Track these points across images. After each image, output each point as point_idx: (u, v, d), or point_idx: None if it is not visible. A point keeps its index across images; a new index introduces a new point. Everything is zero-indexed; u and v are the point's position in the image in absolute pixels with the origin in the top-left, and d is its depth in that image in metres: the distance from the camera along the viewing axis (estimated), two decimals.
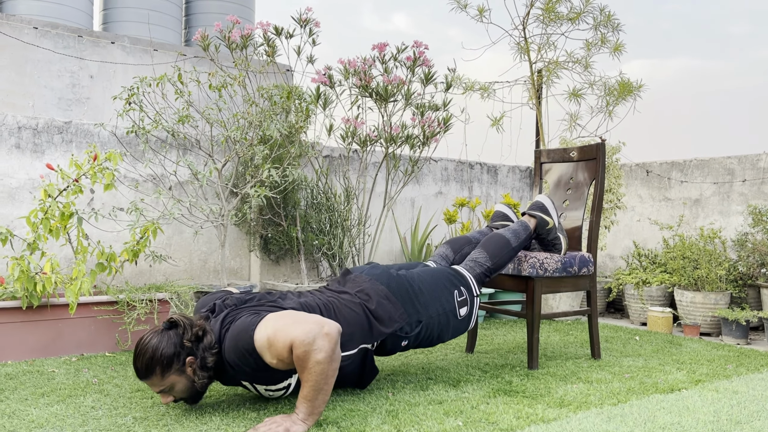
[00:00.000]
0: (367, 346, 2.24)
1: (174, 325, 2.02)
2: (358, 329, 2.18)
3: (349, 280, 2.37)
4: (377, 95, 3.90)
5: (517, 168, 5.39)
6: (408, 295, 2.34)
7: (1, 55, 4.76)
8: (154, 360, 1.95)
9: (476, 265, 2.63)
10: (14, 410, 2.06)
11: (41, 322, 2.83)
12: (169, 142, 3.66)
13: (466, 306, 2.50)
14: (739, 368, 2.91)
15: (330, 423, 1.97)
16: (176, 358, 1.96)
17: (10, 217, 3.22)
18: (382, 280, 2.33)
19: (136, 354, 1.98)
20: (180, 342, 1.98)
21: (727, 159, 4.56)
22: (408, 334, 2.32)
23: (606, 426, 1.99)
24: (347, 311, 2.19)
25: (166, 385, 1.98)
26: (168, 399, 2.01)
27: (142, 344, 1.98)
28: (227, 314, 2.08)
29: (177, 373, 1.97)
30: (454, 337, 2.53)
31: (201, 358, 1.98)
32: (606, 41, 4.75)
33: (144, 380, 1.99)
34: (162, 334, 2.00)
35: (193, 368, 1.99)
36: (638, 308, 4.33)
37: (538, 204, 2.88)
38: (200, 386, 2.02)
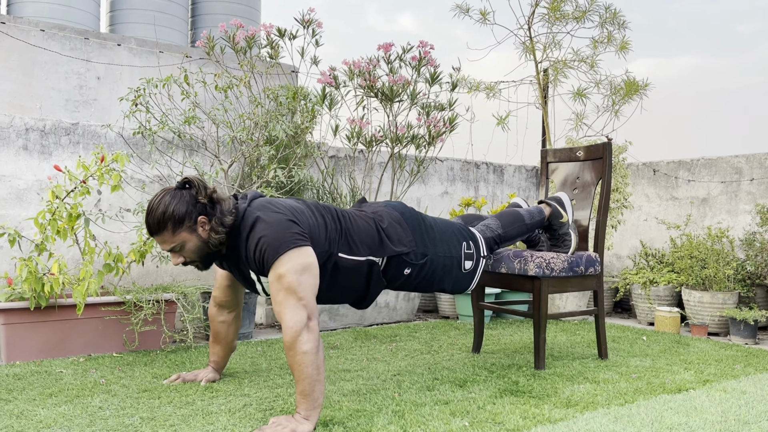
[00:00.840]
0: (374, 258, 2.26)
1: (188, 184, 2.05)
2: (368, 239, 2.24)
3: (366, 205, 2.46)
4: (383, 95, 3.90)
5: (523, 168, 5.38)
6: (419, 227, 2.40)
7: (9, 58, 4.79)
8: (166, 215, 1.98)
9: (487, 230, 2.69)
10: (22, 410, 2.07)
11: (49, 323, 2.85)
12: (176, 143, 3.67)
13: (471, 260, 2.54)
14: (748, 368, 2.89)
15: (336, 423, 1.98)
16: (188, 216, 2.00)
17: (18, 218, 3.24)
18: (397, 208, 2.41)
19: (149, 210, 2.01)
20: (193, 201, 2.01)
21: (734, 158, 4.54)
22: (413, 262, 2.34)
23: (613, 426, 1.99)
24: (361, 221, 2.26)
25: (176, 242, 2.01)
26: (178, 260, 2.05)
27: (155, 201, 2.01)
28: (257, 195, 2.15)
29: (188, 230, 2.01)
30: (454, 290, 2.56)
31: (218, 217, 2.02)
32: (612, 39, 4.73)
33: (155, 236, 2.02)
34: (175, 192, 2.03)
35: (206, 228, 2.02)
36: (645, 308, 4.32)
37: (557, 197, 2.94)
38: (214, 244, 2.04)
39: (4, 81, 4.78)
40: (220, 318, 2.49)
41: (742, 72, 13.14)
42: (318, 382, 1.93)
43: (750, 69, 12.59)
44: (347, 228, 2.21)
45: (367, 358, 2.95)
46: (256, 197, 2.16)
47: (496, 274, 2.94)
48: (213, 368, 2.52)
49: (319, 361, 1.94)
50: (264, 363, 2.82)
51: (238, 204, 2.10)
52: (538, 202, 2.96)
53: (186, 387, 2.39)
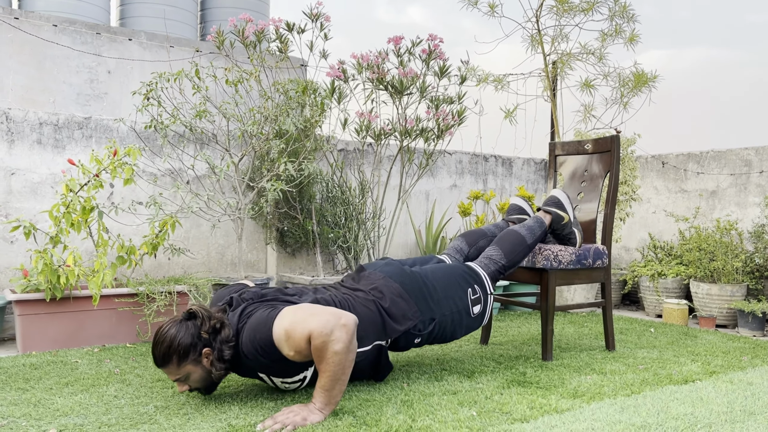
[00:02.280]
0: (381, 342, 2.27)
1: (193, 316, 2.06)
2: (372, 326, 2.21)
3: (363, 277, 2.39)
4: (393, 88, 3.92)
5: (531, 160, 5.39)
6: (422, 293, 2.36)
7: (21, 52, 4.83)
8: (172, 349, 1.99)
9: (491, 263, 2.64)
10: (39, 399, 2.12)
11: (64, 314, 2.90)
12: (187, 137, 3.71)
13: (479, 304, 2.51)
14: (755, 360, 2.91)
15: (346, 413, 2.01)
16: (193, 349, 2.01)
17: (33, 211, 3.29)
18: (396, 278, 2.35)
19: (155, 342, 2.03)
20: (198, 333, 2.02)
21: (744, 150, 4.53)
22: (421, 331, 2.34)
23: (619, 416, 2.01)
24: (362, 308, 2.22)
25: (182, 374, 2.03)
26: (184, 388, 2.06)
27: (161, 333, 2.03)
28: (245, 308, 2.12)
29: (193, 363, 2.02)
30: (467, 334, 2.55)
31: (218, 350, 2.02)
32: (621, 32, 4.72)
33: (161, 368, 2.04)
34: (180, 324, 2.04)
35: (210, 359, 2.03)
36: (653, 300, 4.33)
37: (554, 199, 2.87)
38: (216, 377, 2.07)
39: (16, 75, 4.83)
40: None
41: (753, 63, 13.04)
42: (340, 382, 1.94)
43: (761, 60, 12.49)
44: None
45: None
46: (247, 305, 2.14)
47: None
48: None
49: (348, 361, 1.93)
50: None
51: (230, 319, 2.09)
52: (536, 210, 2.94)
53: None
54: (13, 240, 3.23)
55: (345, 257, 4.02)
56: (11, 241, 3.23)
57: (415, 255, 4.67)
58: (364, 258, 4.12)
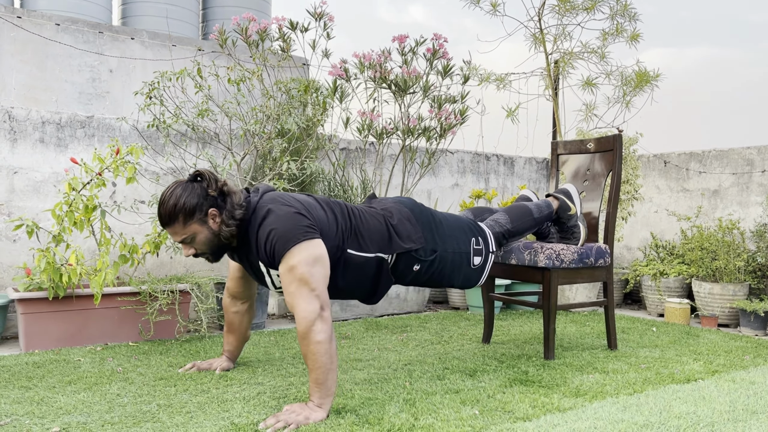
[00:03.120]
0: (383, 255, 2.27)
1: (199, 177, 2.08)
2: (378, 236, 2.25)
3: (375, 201, 2.48)
4: (396, 86, 3.92)
5: (533, 159, 5.38)
6: (429, 224, 2.41)
7: (24, 51, 4.84)
8: (177, 207, 2.01)
9: (496, 224, 2.70)
10: (42, 397, 2.12)
11: (67, 313, 2.90)
12: (189, 136, 3.71)
13: (480, 256, 2.56)
14: (757, 359, 2.91)
15: (348, 411, 2.02)
16: (199, 208, 2.03)
17: (36, 209, 3.29)
18: (407, 204, 2.42)
19: (161, 202, 2.05)
20: (204, 193, 2.04)
21: (746, 149, 4.53)
22: (422, 257, 2.36)
23: (621, 415, 2.02)
24: (371, 219, 2.28)
25: (187, 234, 2.05)
26: (190, 251, 2.08)
27: (167, 193, 2.05)
28: (268, 189, 2.16)
29: (199, 222, 2.04)
30: (464, 286, 2.58)
31: (228, 210, 2.04)
32: (622, 30, 4.72)
33: (166, 227, 2.06)
34: (186, 184, 2.06)
35: (216, 220, 2.05)
36: (655, 299, 4.32)
37: (564, 190, 2.94)
38: (225, 236, 2.07)
39: (19, 74, 4.83)
40: (233, 308, 2.54)
41: (755, 63, 13.03)
42: (331, 371, 1.97)
43: (764, 60, 12.47)
44: (357, 225, 2.23)
45: (378, 348, 2.99)
46: (267, 191, 2.18)
47: (507, 265, 2.97)
48: (227, 357, 2.57)
49: (332, 350, 1.97)
50: (277, 352, 2.86)
51: (249, 197, 2.13)
52: (546, 195, 2.97)
53: (201, 375, 2.43)
54: (15, 239, 3.24)
55: None
56: (14, 240, 3.24)
57: None
58: None
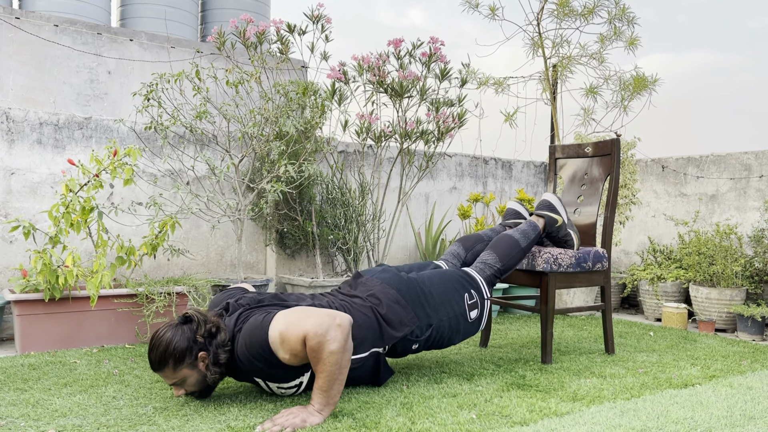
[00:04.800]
0: (378, 349, 2.27)
1: (189, 320, 2.07)
2: (370, 333, 2.21)
3: (360, 283, 2.40)
4: (392, 90, 3.92)
5: (531, 163, 5.39)
6: (419, 299, 2.37)
7: (22, 52, 4.83)
8: (168, 353, 1.99)
9: (486, 267, 2.66)
10: (38, 399, 2.11)
11: (63, 314, 2.89)
12: (187, 138, 3.71)
13: (476, 309, 2.52)
14: (754, 364, 2.91)
15: (345, 415, 2.01)
16: (189, 353, 2.01)
17: (32, 211, 3.29)
18: (393, 284, 2.36)
19: (151, 347, 2.03)
20: (193, 337, 2.02)
21: (743, 154, 4.53)
22: (418, 337, 2.34)
23: (619, 420, 2.01)
24: (359, 315, 2.22)
25: (178, 378, 2.03)
26: (180, 392, 2.06)
27: (157, 337, 2.03)
28: (241, 313, 2.12)
29: (189, 367, 2.02)
30: (465, 339, 2.56)
31: (214, 354, 2.03)
32: (620, 35, 4.73)
33: (157, 372, 2.04)
34: (176, 328, 2.04)
35: (206, 363, 2.03)
36: (653, 304, 4.33)
37: (545, 203, 2.90)
38: (212, 381, 2.07)
39: (17, 75, 4.82)
40: None
41: (753, 69, 13.06)
42: (338, 382, 1.94)
43: (761, 66, 12.51)
44: None
45: None
46: (243, 310, 2.14)
47: None
48: None
49: (345, 360, 1.94)
50: None
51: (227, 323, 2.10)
52: (529, 215, 2.95)
53: None
54: (12, 240, 3.23)
55: (344, 259, 4.02)
56: (10, 241, 3.23)
57: (414, 257, 4.66)
58: (363, 260, 4.11)
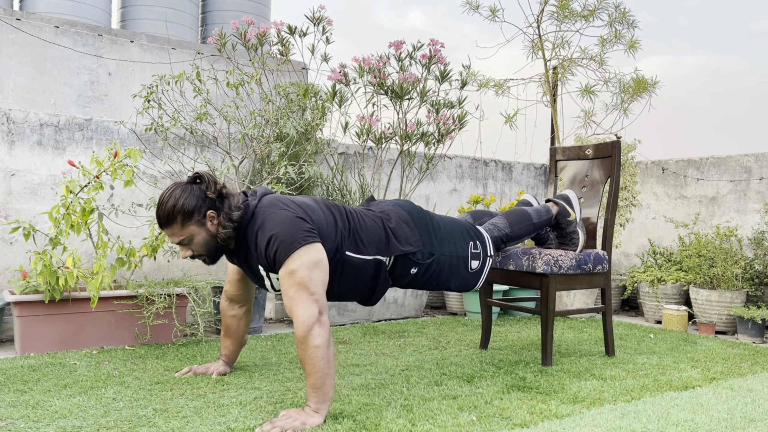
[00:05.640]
0: (381, 258, 2.27)
1: (198, 179, 2.08)
2: (376, 238, 2.25)
3: (374, 204, 2.47)
4: (393, 92, 3.92)
5: (531, 165, 5.39)
6: (426, 227, 2.41)
7: (22, 53, 4.83)
8: (176, 209, 2.01)
9: (495, 229, 2.70)
10: (38, 401, 2.11)
11: (63, 316, 2.89)
12: (188, 139, 3.71)
13: (478, 260, 2.56)
14: (755, 366, 2.90)
15: (346, 417, 2.01)
16: (197, 210, 2.03)
17: (33, 212, 3.28)
18: (405, 207, 2.42)
19: (159, 203, 2.06)
20: (203, 195, 2.05)
21: (744, 157, 4.53)
22: (420, 261, 2.36)
23: (619, 422, 2.01)
24: (369, 221, 2.28)
25: (185, 235, 2.05)
26: (187, 252, 2.08)
27: (165, 194, 2.05)
28: (264, 195, 2.15)
29: (197, 224, 2.04)
30: (461, 289, 2.58)
31: (226, 213, 2.05)
32: (621, 38, 4.73)
33: (164, 228, 2.06)
34: (186, 186, 2.06)
35: (215, 222, 2.05)
36: (653, 306, 4.32)
37: (564, 195, 2.95)
38: (222, 239, 2.07)
39: (17, 76, 4.83)
40: (231, 312, 2.53)
41: (753, 71, 13.07)
42: (328, 376, 1.96)
43: (761, 68, 12.51)
44: (355, 227, 2.23)
45: (375, 353, 2.98)
46: (266, 194, 2.18)
47: (505, 270, 2.96)
48: (224, 361, 2.56)
49: (330, 355, 1.97)
50: (274, 357, 2.85)
51: (247, 200, 2.13)
52: (545, 201, 2.97)
53: (197, 380, 2.42)
54: (12, 241, 3.23)
55: None
56: (11, 243, 3.23)
57: None
58: None
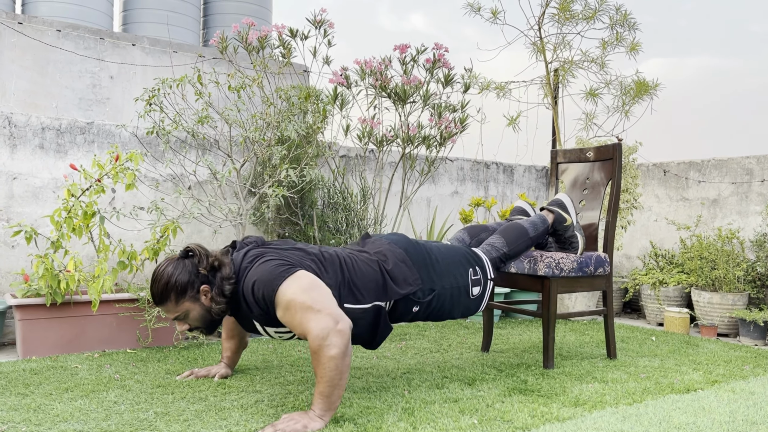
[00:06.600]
0: (380, 303, 2.25)
1: (190, 254, 2.07)
2: (373, 285, 2.22)
3: (369, 242, 2.44)
4: (396, 96, 3.93)
5: (533, 168, 5.39)
6: (424, 262, 2.38)
7: (24, 57, 4.85)
8: (169, 286, 2.00)
9: (493, 249, 2.69)
10: (39, 404, 2.11)
11: (64, 319, 2.89)
12: (189, 143, 3.71)
13: (479, 286, 2.54)
14: (757, 369, 2.90)
15: (347, 420, 2.00)
16: (191, 286, 2.02)
17: (34, 215, 3.29)
18: (401, 245, 2.39)
19: (153, 280, 2.04)
20: (195, 270, 2.03)
21: (745, 159, 4.53)
22: (420, 299, 2.34)
23: (621, 425, 2.01)
24: (365, 266, 2.24)
25: (180, 312, 2.04)
26: (184, 327, 2.07)
27: (158, 271, 2.04)
28: (249, 250, 2.12)
29: (191, 300, 2.03)
30: (464, 316, 2.56)
31: (218, 286, 2.03)
32: (622, 40, 4.73)
33: (159, 306, 2.05)
34: (178, 261, 2.05)
35: (208, 296, 2.04)
36: (655, 308, 4.32)
37: (558, 201, 2.92)
38: (216, 312, 2.06)
39: (19, 80, 4.84)
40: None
41: (755, 73, 13.07)
42: (338, 387, 1.94)
43: (763, 69, 12.51)
44: (351, 277, 2.19)
45: (376, 357, 2.98)
46: (253, 247, 2.15)
47: (506, 273, 2.96)
48: (225, 364, 2.56)
49: (344, 366, 1.93)
50: (275, 360, 2.85)
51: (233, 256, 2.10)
52: (540, 209, 2.97)
53: (199, 383, 2.42)
54: (14, 245, 3.23)
55: None
56: (12, 246, 3.23)
57: None
58: None
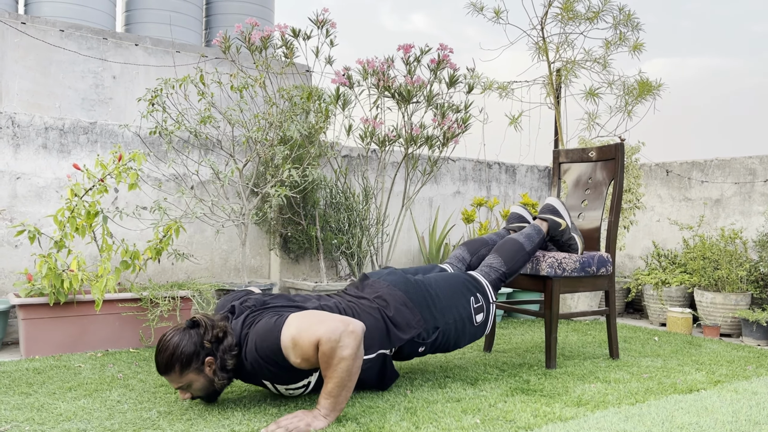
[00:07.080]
0: (385, 351, 2.27)
1: (196, 325, 2.07)
2: (377, 334, 2.21)
3: (367, 285, 2.41)
4: (399, 96, 3.93)
5: (535, 168, 5.38)
6: (425, 302, 2.37)
7: (27, 57, 4.86)
8: (174, 357, 2.00)
9: (491, 271, 2.67)
10: (43, 404, 2.12)
11: (68, 318, 2.90)
12: (192, 143, 3.72)
13: (482, 312, 2.53)
14: (759, 369, 2.89)
15: (349, 419, 2.01)
16: (195, 358, 2.01)
17: (38, 215, 3.30)
18: (400, 287, 2.36)
19: (158, 350, 2.04)
20: (200, 342, 2.02)
21: (748, 159, 4.52)
22: (425, 340, 2.35)
23: (623, 425, 2.00)
24: (366, 316, 2.22)
25: (184, 382, 2.03)
26: (186, 396, 2.07)
27: (164, 341, 2.03)
28: (248, 315, 2.12)
29: (195, 371, 2.02)
30: (471, 342, 2.56)
31: (221, 359, 2.03)
32: (625, 40, 4.73)
33: (164, 376, 2.04)
34: (184, 332, 2.04)
35: (213, 368, 2.03)
36: (657, 309, 4.31)
37: (548, 207, 2.91)
38: (219, 386, 2.07)
39: (22, 80, 4.85)
40: None
41: (757, 72, 13.05)
42: (346, 388, 1.94)
43: (765, 69, 12.49)
44: None
45: None
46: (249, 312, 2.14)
47: None
48: None
49: (355, 367, 1.93)
50: None
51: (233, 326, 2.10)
52: (533, 218, 2.96)
53: None
54: (17, 244, 3.24)
55: (348, 263, 4.02)
56: (16, 246, 3.24)
57: (418, 261, 4.66)
58: (367, 264, 4.11)
